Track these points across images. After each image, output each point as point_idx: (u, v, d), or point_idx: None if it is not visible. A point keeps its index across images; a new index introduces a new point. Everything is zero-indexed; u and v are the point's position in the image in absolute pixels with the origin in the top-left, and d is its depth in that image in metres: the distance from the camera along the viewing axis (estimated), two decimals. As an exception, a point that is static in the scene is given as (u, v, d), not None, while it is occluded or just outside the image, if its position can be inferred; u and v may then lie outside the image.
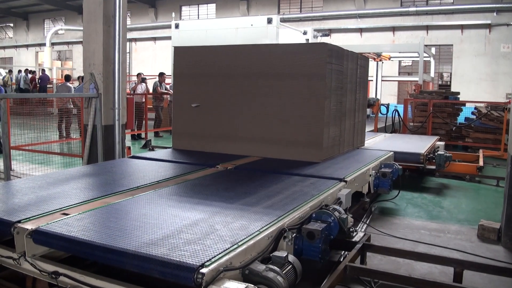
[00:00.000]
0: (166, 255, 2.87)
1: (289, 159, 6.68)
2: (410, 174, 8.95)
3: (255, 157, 6.86)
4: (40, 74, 27.91)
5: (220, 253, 2.91)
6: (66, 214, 3.76)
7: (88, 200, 4.21)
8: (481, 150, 12.20)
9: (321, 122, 6.56)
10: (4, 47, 44.46)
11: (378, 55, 19.86)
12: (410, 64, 27.60)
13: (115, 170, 5.77)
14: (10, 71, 28.38)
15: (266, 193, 4.64)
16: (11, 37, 44.53)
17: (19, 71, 27.89)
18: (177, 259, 2.80)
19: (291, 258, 3.29)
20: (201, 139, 7.42)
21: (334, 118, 6.93)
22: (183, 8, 34.76)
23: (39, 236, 3.30)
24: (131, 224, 3.58)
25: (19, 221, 3.47)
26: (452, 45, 25.84)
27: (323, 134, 6.58)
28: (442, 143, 10.44)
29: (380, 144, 8.92)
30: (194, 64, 7.47)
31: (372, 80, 22.52)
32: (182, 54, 7.79)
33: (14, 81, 26.11)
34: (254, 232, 3.39)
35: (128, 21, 31.90)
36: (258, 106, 6.95)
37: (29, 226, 3.39)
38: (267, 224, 3.60)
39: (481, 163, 10.07)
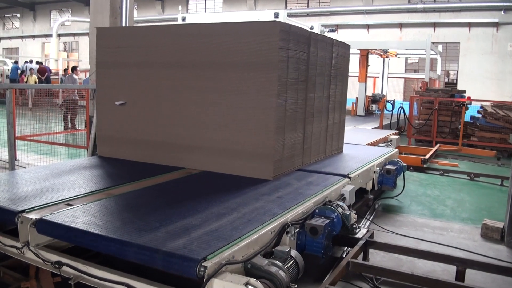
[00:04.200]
0: (169, 248, 2.88)
1: (233, 174, 5.25)
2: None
3: (192, 170, 5.45)
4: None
5: (222, 247, 2.92)
6: (70, 205, 3.78)
7: (92, 191, 4.23)
8: (438, 145, 12.71)
9: (270, 126, 5.05)
10: (10, 38, 44.55)
11: (385, 51, 19.79)
12: (416, 61, 27.56)
13: (119, 162, 5.78)
14: (16, 62, 28.36)
15: (269, 188, 4.64)
16: (18, 28, 44.62)
17: (25, 62, 27.90)
18: (180, 252, 2.81)
19: (293, 253, 3.30)
20: (129, 145, 5.96)
21: (292, 121, 5.46)
22: (190, 1, 34.75)
23: (43, 226, 3.32)
24: (134, 216, 3.59)
25: (23, 211, 3.49)
26: (459, 43, 25.78)
27: (274, 143, 5.08)
28: (396, 137, 10.82)
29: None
30: (119, 50, 5.93)
31: (378, 77, 22.49)
32: (104, 37, 6.12)
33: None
34: (257, 227, 3.39)
35: (135, 14, 31.87)
36: (195, 104, 5.47)
37: (33, 216, 3.41)
38: (270, 219, 3.60)
39: (427, 156, 10.44)
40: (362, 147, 8.25)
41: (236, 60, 5.17)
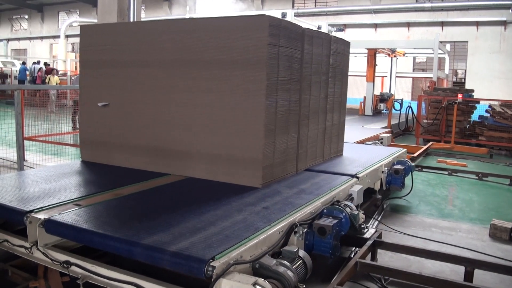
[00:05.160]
0: (177, 247, 2.88)
1: (220, 181, 4.88)
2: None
3: (177, 176, 5.06)
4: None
5: (231, 247, 2.92)
6: (78, 205, 3.79)
7: (100, 192, 4.24)
8: (430, 143, 12.95)
9: (258, 129, 4.66)
10: (18, 39, 44.81)
11: (393, 51, 19.76)
12: (424, 60, 27.48)
13: (101, 167, 5.56)
14: (24, 63, 28.48)
15: (256, 197, 4.32)
16: (26, 29, 44.86)
17: (34, 63, 28.02)
18: (188, 252, 2.81)
19: (301, 253, 3.29)
20: (113, 150, 5.60)
21: (284, 123, 5.06)
22: (198, 1, 34.78)
23: (51, 225, 3.33)
24: (142, 216, 3.60)
25: (31, 211, 3.51)
26: (467, 41, 25.68)
27: (263, 147, 4.67)
28: (387, 135, 10.92)
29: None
30: (102, 48, 5.62)
31: (386, 76, 22.45)
32: (88, 35, 5.84)
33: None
34: (265, 226, 3.39)
35: (143, 14, 31.93)
36: (179, 106, 5.10)
37: (42, 216, 3.43)
38: (278, 219, 3.60)
39: (416, 154, 10.70)
40: (366, 148, 8.23)
41: (222, 57, 4.78)
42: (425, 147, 11.77)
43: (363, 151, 7.49)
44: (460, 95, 13.86)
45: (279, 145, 4.99)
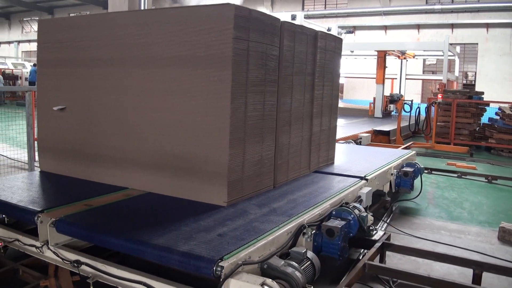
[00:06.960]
0: (186, 247, 2.91)
1: (181, 197, 4.21)
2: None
3: (135, 191, 4.40)
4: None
5: (239, 247, 2.95)
6: (89, 205, 3.82)
7: (111, 192, 4.27)
8: (411, 142, 13.26)
9: (223, 138, 3.97)
10: (29, 41, 45.08)
11: (403, 53, 19.70)
12: (434, 62, 27.38)
13: (53, 179, 4.98)
14: (35, 65, 28.66)
15: (215, 220, 3.64)
16: (36, 31, 45.15)
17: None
18: (198, 252, 2.84)
19: (309, 254, 3.30)
20: (71, 159, 4.96)
21: (258, 131, 4.36)
22: (207, 2, 34.86)
23: (62, 225, 3.37)
24: (152, 217, 3.63)
25: (42, 211, 3.55)
26: (477, 43, 25.55)
27: (228, 159, 3.98)
28: (367, 134, 11.22)
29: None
30: (60, 45, 4.99)
31: (396, 78, 22.39)
32: (46, 31, 5.23)
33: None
34: (274, 227, 3.40)
35: (152, 16, 32.00)
36: (136, 110, 4.46)
37: (53, 215, 3.46)
38: (287, 220, 3.61)
39: None
40: (373, 151, 8.21)
41: (183, 54, 4.12)
42: (404, 146, 11.77)
43: (369, 155, 7.48)
44: (440, 95, 13.89)
45: (250, 156, 4.31)
